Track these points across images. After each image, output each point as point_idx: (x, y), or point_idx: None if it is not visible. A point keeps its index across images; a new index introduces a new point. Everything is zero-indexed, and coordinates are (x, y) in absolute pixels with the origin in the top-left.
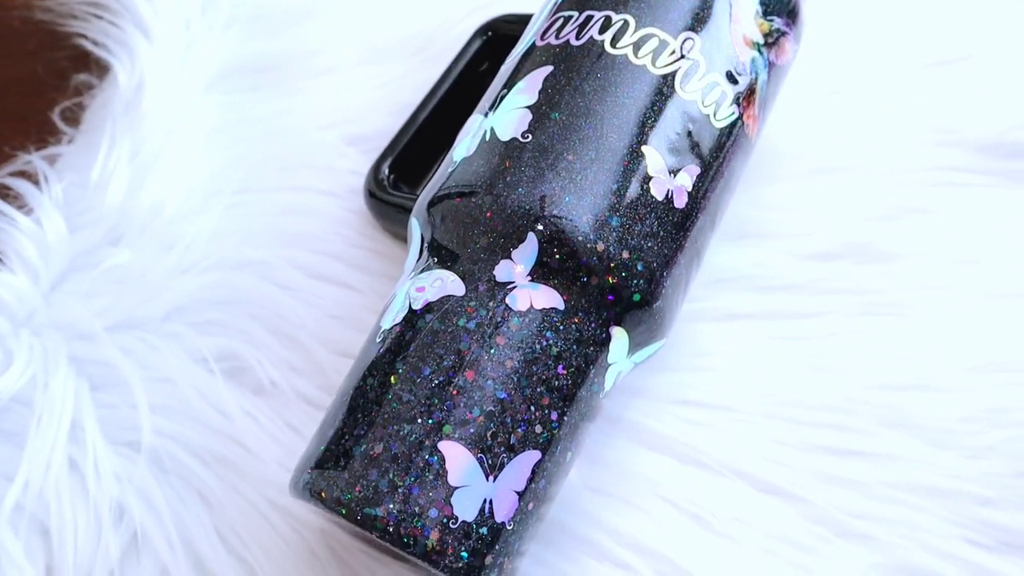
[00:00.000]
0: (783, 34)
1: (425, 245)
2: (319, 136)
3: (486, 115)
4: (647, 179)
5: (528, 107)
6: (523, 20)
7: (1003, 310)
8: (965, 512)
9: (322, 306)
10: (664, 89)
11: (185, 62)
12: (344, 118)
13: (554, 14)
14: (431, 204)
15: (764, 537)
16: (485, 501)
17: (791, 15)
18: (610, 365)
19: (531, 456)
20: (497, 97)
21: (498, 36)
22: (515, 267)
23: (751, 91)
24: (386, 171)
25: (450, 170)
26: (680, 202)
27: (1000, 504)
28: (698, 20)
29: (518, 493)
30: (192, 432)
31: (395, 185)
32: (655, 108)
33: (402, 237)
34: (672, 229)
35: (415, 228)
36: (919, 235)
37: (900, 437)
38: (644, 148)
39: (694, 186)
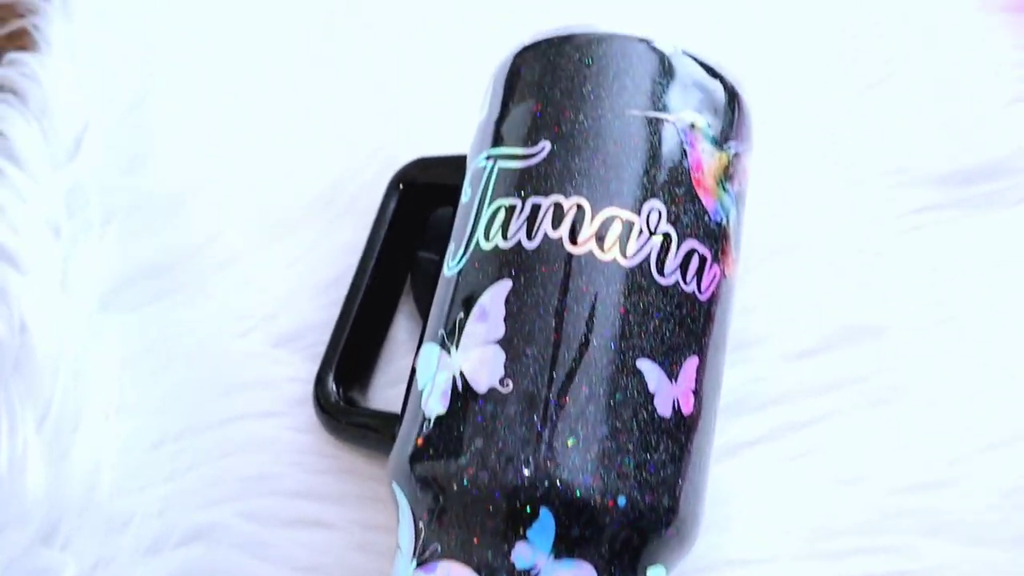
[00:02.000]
0: (740, 154)
1: (420, 522)
2: (242, 345)
3: (445, 347)
4: (650, 398)
5: (498, 342)
6: (439, 164)
7: (998, 373)
8: None
9: (300, 558)
10: (642, 282)
11: (69, 282)
12: (264, 315)
13: (492, 200)
14: (411, 465)
15: None
16: None
17: (739, 127)
18: None
19: None
20: (452, 322)
21: (415, 187)
22: (534, 549)
23: (726, 237)
24: (333, 387)
25: (425, 430)
26: (688, 407)
27: None
28: (656, 182)
29: None
30: None
31: (348, 400)
32: (639, 309)
33: (365, 447)
34: (685, 440)
35: (400, 496)
36: (901, 299)
37: (941, 544)
38: (639, 363)
39: (697, 381)
